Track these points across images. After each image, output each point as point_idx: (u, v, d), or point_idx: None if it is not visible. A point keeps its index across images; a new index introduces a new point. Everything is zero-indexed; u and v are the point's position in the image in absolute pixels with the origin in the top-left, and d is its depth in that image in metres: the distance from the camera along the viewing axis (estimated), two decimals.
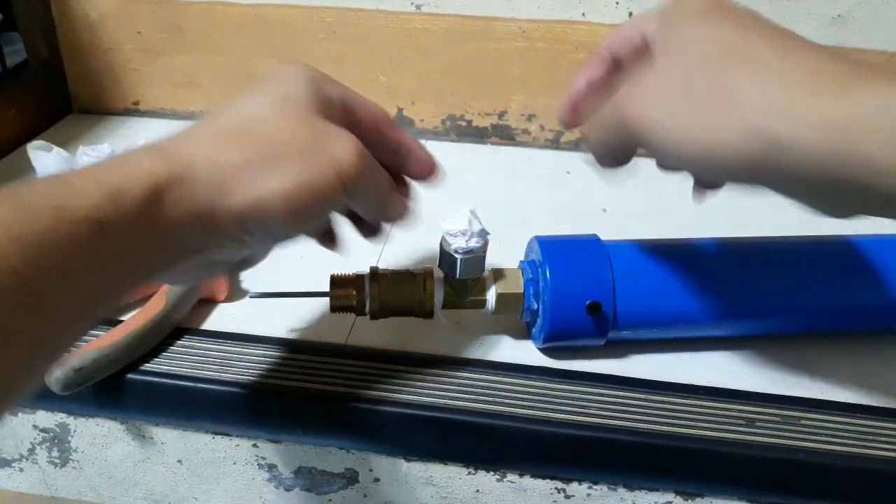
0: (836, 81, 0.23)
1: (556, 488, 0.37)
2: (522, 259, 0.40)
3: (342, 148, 0.28)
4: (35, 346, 0.22)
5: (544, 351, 0.39)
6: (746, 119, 0.24)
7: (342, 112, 0.31)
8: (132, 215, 0.24)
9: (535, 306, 0.37)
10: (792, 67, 0.24)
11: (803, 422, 0.35)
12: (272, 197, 0.27)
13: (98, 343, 0.36)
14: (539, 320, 0.38)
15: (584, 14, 0.58)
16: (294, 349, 0.39)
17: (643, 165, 0.32)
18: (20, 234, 0.21)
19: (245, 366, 0.37)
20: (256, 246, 0.30)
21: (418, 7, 0.59)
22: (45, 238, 0.21)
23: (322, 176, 0.27)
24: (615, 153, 0.31)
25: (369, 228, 0.36)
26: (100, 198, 0.23)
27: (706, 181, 0.33)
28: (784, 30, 0.27)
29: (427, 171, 0.35)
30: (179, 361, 0.38)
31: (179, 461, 0.41)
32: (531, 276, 0.37)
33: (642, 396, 0.36)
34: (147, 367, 0.37)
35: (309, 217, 0.29)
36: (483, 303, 0.38)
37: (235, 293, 0.42)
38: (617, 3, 0.57)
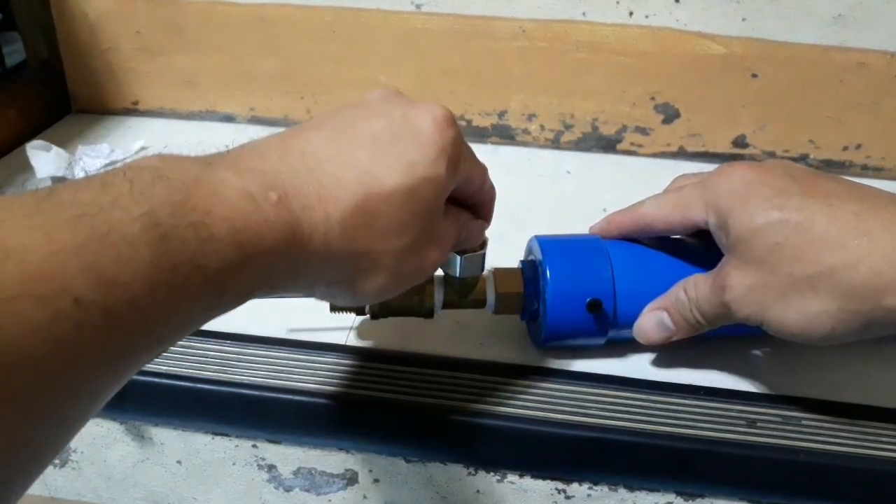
0: None
1: (556, 489, 0.37)
2: (522, 259, 0.40)
3: (434, 255, 0.31)
4: (122, 374, 0.23)
5: (544, 351, 0.39)
6: (839, 303, 0.30)
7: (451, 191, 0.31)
8: (248, 285, 0.24)
9: (535, 306, 0.37)
10: (869, 252, 0.29)
11: (804, 422, 0.35)
12: (366, 293, 0.29)
13: None
14: (539, 320, 0.37)
15: (584, 14, 0.58)
16: (294, 349, 0.39)
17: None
18: (156, 283, 0.20)
19: (244, 366, 0.37)
20: None
21: (418, 6, 0.59)
22: (178, 293, 0.21)
23: (411, 279, 0.31)
24: (702, 329, 0.35)
25: None
26: (230, 263, 0.22)
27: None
28: (826, 189, 0.31)
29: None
30: (179, 361, 0.38)
31: (179, 462, 0.40)
32: (531, 275, 0.37)
33: (642, 396, 0.36)
34: (146, 367, 0.37)
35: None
36: (483, 303, 0.38)
37: None
38: (617, 2, 0.57)
